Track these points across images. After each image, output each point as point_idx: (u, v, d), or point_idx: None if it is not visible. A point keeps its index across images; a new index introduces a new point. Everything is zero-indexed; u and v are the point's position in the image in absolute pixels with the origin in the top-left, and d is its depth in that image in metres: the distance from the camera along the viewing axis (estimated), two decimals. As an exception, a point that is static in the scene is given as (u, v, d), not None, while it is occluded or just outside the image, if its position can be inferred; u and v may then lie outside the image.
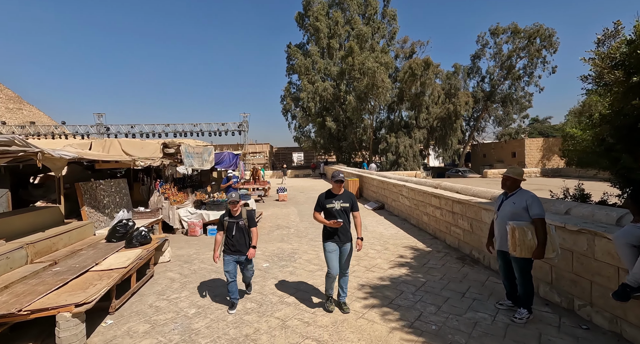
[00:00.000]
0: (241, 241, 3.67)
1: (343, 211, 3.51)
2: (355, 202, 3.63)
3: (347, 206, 3.52)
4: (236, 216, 3.74)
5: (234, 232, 3.64)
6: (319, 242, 6.50)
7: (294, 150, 43.06)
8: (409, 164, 25.21)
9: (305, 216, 9.82)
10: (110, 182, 5.94)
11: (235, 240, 3.65)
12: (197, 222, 7.29)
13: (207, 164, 9.70)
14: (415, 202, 7.70)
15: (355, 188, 13.93)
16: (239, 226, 3.67)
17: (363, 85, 25.38)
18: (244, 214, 3.77)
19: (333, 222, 3.45)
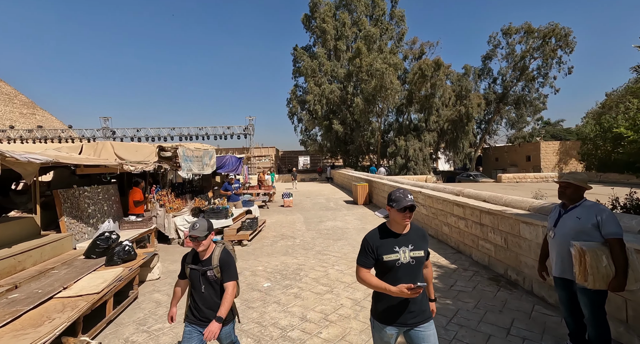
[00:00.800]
0: (211, 301, 2.22)
1: (416, 264, 1.86)
2: None
3: (422, 255, 1.88)
4: (204, 260, 2.26)
5: (201, 289, 2.22)
6: (327, 256, 5.83)
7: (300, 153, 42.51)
8: (419, 168, 24.39)
9: (311, 223, 9.14)
10: (97, 189, 5.38)
11: (201, 301, 2.23)
12: (194, 232, 6.67)
13: (208, 168, 9.13)
14: (434, 210, 6.97)
15: (365, 194, 13.22)
16: (208, 279, 2.22)
17: (371, 87, 24.75)
18: (215, 258, 2.27)
19: (406, 290, 1.70)
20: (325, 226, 8.75)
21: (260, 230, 7.99)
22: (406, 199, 1.83)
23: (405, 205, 1.80)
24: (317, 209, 12.05)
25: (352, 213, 10.92)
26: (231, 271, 2.28)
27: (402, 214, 1.84)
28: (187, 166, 7.65)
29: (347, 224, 8.91)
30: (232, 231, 6.69)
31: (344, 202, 14.11)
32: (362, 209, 11.98)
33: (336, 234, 7.74)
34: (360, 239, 7.48)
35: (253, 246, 6.76)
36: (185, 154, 7.58)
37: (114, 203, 5.87)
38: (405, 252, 1.85)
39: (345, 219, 9.85)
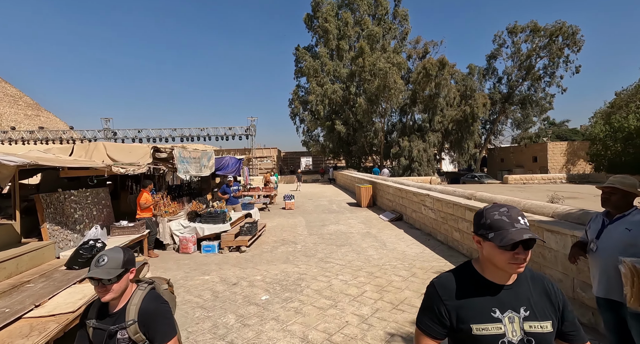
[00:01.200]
0: None
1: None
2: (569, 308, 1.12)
3: (547, 329, 1.04)
4: (113, 313, 1.45)
5: None
6: (330, 264, 5.45)
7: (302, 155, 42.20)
8: (423, 169, 23.96)
9: (313, 227, 8.77)
10: (86, 192, 5.04)
11: None
12: (190, 238, 6.32)
13: (207, 170, 8.79)
14: (443, 215, 6.57)
15: (369, 196, 12.83)
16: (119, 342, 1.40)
17: (374, 87, 24.41)
18: (132, 309, 1.43)
19: None
20: (328, 230, 8.37)
21: (260, 235, 7.63)
22: (516, 226, 1.02)
23: (519, 239, 0.98)
24: (320, 212, 11.67)
25: (356, 216, 10.54)
26: (164, 329, 1.42)
27: (511, 255, 1.01)
28: (184, 168, 7.31)
29: (350, 228, 8.53)
30: (229, 236, 6.33)
31: (347, 204, 13.72)
32: (366, 211, 11.59)
33: (340, 239, 7.36)
34: (365, 245, 7.27)
35: (252, 252, 6.40)
36: (181, 155, 7.24)
37: (105, 208, 5.53)
38: (513, 321, 1.04)
39: (348, 222, 9.47)
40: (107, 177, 7.09)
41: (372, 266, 5.29)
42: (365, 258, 5.75)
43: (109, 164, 4.45)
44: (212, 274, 5.11)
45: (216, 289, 4.44)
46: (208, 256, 6.13)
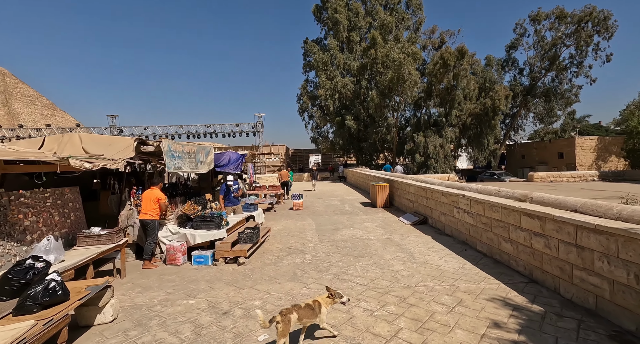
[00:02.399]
0: None
1: None
2: None
3: None
4: None
5: None
6: (348, 283, 4.32)
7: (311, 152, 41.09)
8: (440, 166, 22.54)
9: (325, 232, 7.65)
10: (44, 193, 4.04)
11: None
12: (178, 246, 5.28)
13: (204, 167, 7.76)
14: (486, 220, 5.35)
15: (385, 195, 11.64)
16: None
17: (387, 79, 23.06)
18: None
19: None
20: (342, 236, 7.24)
21: (263, 241, 6.56)
22: None
23: None
24: (331, 213, 10.55)
25: (372, 219, 9.37)
26: None
27: None
28: (175, 164, 6.28)
29: (368, 234, 7.38)
30: (225, 245, 5.26)
31: (361, 204, 12.55)
32: (382, 213, 10.41)
33: (356, 247, 6.22)
34: (389, 256, 5.91)
35: (252, 264, 5.32)
36: (171, 149, 6.20)
37: (73, 211, 4.53)
38: None
39: (365, 226, 8.32)
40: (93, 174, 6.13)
41: (402, 287, 4.14)
42: (392, 275, 4.60)
43: (63, 157, 3.43)
44: (200, 296, 4.04)
45: (200, 322, 3.37)
46: (199, 270, 5.08)
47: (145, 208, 5.24)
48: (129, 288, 4.35)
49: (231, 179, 7.11)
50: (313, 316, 2.85)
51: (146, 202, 5.31)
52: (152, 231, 5.28)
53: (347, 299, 3.03)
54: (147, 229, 5.23)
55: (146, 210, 5.23)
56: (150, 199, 5.31)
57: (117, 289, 4.31)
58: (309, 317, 2.82)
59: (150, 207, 5.27)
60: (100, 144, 5.56)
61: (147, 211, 5.23)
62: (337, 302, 3.01)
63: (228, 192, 7.16)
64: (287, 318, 2.62)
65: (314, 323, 2.90)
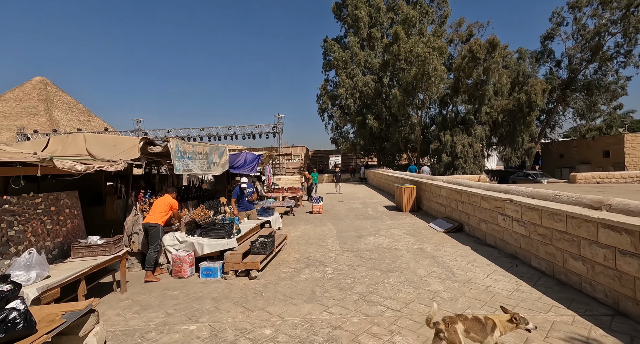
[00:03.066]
0: None
1: None
2: None
3: None
4: None
5: None
6: (378, 307, 3.58)
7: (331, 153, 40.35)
8: (469, 167, 21.12)
9: (347, 240, 6.93)
10: (35, 199, 3.62)
11: None
12: (185, 257, 4.76)
13: (217, 168, 7.28)
14: (543, 231, 4.43)
15: (412, 198, 10.73)
16: None
17: (410, 76, 21.95)
18: None
19: None
20: (367, 244, 6.49)
21: (279, 250, 5.94)
22: None
23: None
24: (353, 218, 9.80)
25: (399, 224, 8.53)
26: None
27: None
28: (184, 165, 5.80)
29: (396, 242, 6.58)
30: (236, 256, 4.68)
31: (385, 208, 11.70)
32: (410, 217, 9.53)
33: (384, 259, 5.46)
34: (423, 271, 4.81)
35: (266, 278, 4.70)
36: (180, 149, 5.73)
37: (70, 218, 4.11)
38: None
39: (391, 233, 7.51)
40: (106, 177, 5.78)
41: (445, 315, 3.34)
42: (430, 297, 3.81)
43: (44, 158, 2.97)
44: (203, 320, 3.46)
45: (198, 357, 2.77)
46: (206, 284, 4.52)
47: (152, 212, 4.79)
48: (127, 306, 3.85)
49: (245, 182, 6.56)
50: (482, 334, 2.31)
51: (155, 207, 4.88)
52: (154, 238, 4.81)
53: (533, 327, 2.45)
54: (150, 235, 4.76)
55: (152, 213, 4.79)
56: (162, 204, 4.87)
57: (113, 307, 3.83)
58: (477, 333, 2.31)
59: (158, 211, 4.82)
60: (105, 145, 5.18)
61: (153, 214, 4.78)
62: (522, 328, 2.45)
63: (242, 196, 6.62)
64: (452, 328, 2.24)
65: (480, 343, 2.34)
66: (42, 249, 3.61)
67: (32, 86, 40.69)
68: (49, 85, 39.45)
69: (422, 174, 13.02)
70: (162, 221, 4.90)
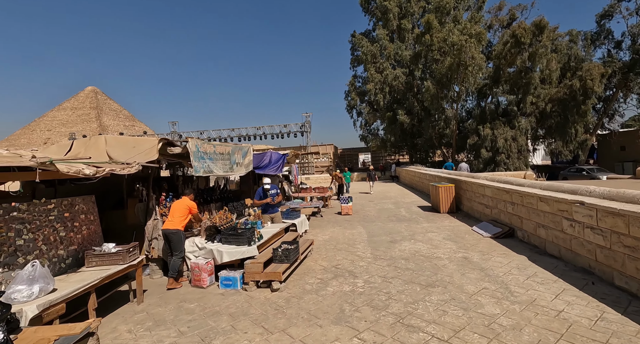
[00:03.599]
0: None
1: None
2: None
3: None
4: None
5: None
6: (419, 333, 2.94)
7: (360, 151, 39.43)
8: (512, 162, 19.31)
9: (380, 245, 6.29)
10: (47, 205, 3.45)
11: None
12: (204, 265, 4.44)
13: (241, 169, 6.99)
14: (631, 242, 3.52)
15: (450, 198, 9.79)
16: None
17: (445, 67, 20.53)
18: None
19: None
20: (402, 251, 5.82)
21: (305, 257, 5.47)
22: None
23: None
24: (385, 219, 9.10)
25: (437, 227, 7.71)
26: None
27: None
28: (204, 166, 5.53)
29: (435, 249, 5.84)
30: (256, 266, 4.27)
31: (420, 209, 10.84)
32: (448, 220, 8.65)
33: (422, 270, 4.78)
34: (472, 287, 3.87)
35: (289, 290, 4.24)
36: (200, 149, 5.46)
37: (85, 224, 3.93)
38: None
39: (429, 237, 6.76)
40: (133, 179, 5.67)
41: (508, 352, 2.65)
42: (485, 324, 3.11)
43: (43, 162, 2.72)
44: (216, 342, 3.06)
45: (205, 394, 2.35)
46: (225, 296, 4.15)
47: (171, 216, 4.54)
48: (140, 320, 3.58)
49: (268, 183, 6.17)
50: None
51: (174, 211, 4.64)
52: (177, 244, 4.55)
53: None
54: (172, 241, 4.50)
55: (171, 218, 4.53)
56: (180, 208, 4.60)
57: (127, 321, 3.57)
58: None
59: (177, 215, 4.56)
60: (125, 147, 5.02)
61: (172, 219, 4.52)
62: None
63: (265, 198, 6.23)
64: None
65: None
66: (55, 258, 3.42)
67: (84, 95, 44.31)
68: (99, 93, 42.55)
69: (461, 172, 11.94)
70: (182, 225, 4.64)
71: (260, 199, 6.26)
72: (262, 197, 6.24)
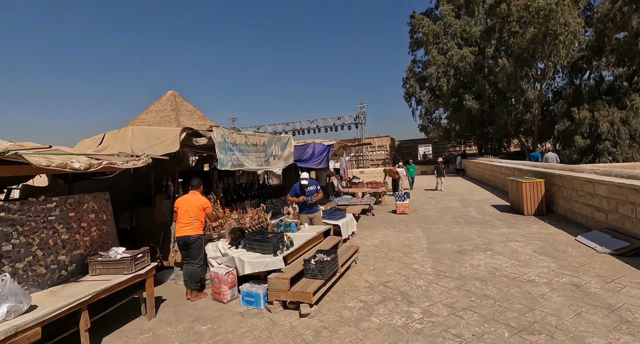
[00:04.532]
0: None
1: None
2: None
3: None
4: None
5: None
6: None
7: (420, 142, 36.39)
8: (621, 151, 15.37)
9: (444, 256, 4.95)
10: (46, 203, 3.06)
11: None
12: (223, 276, 3.74)
13: (279, 162, 6.25)
14: None
15: (538, 196, 7.77)
16: None
17: (526, 39, 17.20)
18: None
19: None
20: (474, 267, 4.44)
21: (348, 267, 4.48)
22: None
23: None
24: (450, 221, 7.57)
25: (522, 234, 5.99)
26: None
27: None
28: (233, 159, 4.87)
29: (524, 267, 4.31)
30: (281, 282, 3.41)
31: (494, 208, 8.93)
32: (537, 224, 6.76)
33: (509, 299, 3.39)
34: (600, 342, 2.67)
35: (322, 316, 3.30)
36: (227, 140, 4.80)
37: (95, 225, 3.52)
38: None
39: (511, 248, 5.17)
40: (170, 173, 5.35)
41: None
42: None
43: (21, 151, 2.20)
44: (212, 394, 2.27)
45: None
46: (244, 318, 3.39)
47: (185, 218, 3.91)
48: (144, 343, 3.00)
49: (306, 177, 5.27)
50: None
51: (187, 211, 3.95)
52: (198, 252, 3.94)
53: None
54: (192, 249, 3.89)
55: (188, 220, 3.91)
56: (195, 207, 3.97)
57: (128, 342, 3.02)
58: None
59: (194, 218, 3.92)
60: (149, 138, 4.60)
61: (189, 221, 3.91)
62: None
63: (301, 195, 5.37)
64: None
65: None
66: (54, 264, 3.02)
67: (166, 99, 49.87)
68: (177, 96, 47.26)
69: (552, 164, 9.53)
70: (202, 229, 4.01)
71: (296, 196, 5.41)
72: (299, 193, 5.39)
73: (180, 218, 3.89)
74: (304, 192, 5.38)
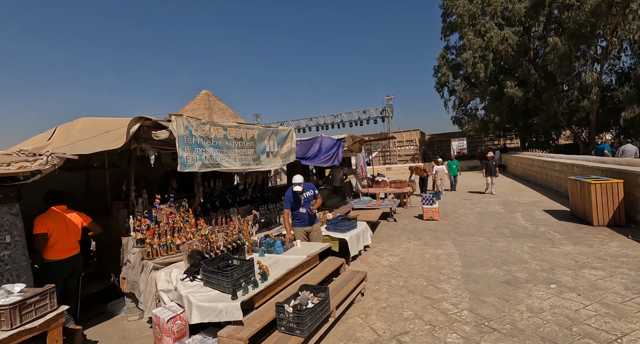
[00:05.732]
0: None
1: None
2: None
3: None
4: None
5: None
6: None
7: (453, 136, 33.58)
8: None
9: (486, 290, 3.53)
10: None
11: None
12: (165, 323, 2.66)
13: (275, 160, 5.11)
14: None
15: (615, 202, 5.95)
16: None
17: (585, 12, 14.53)
18: None
19: None
20: (533, 313, 3.00)
21: (351, 303, 3.23)
22: None
23: None
24: (491, 232, 6.00)
25: (598, 256, 4.35)
26: None
27: None
28: (204, 157, 3.79)
29: (619, 319, 2.80)
30: (237, 342, 2.24)
31: (549, 214, 7.16)
32: (616, 240, 5.03)
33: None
34: None
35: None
36: (194, 133, 3.71)
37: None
38: None
39: (587, 280, 3.63)
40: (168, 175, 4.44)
41: None
42: None
43: None
44: None
45: None
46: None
47: (68, 235, 3.01)
48: None
49: (299, 182, 4.04)
50: None
51: (69, 228, 3.05)
52: None
53: None
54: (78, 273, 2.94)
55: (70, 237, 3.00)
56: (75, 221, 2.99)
57: None
58: None
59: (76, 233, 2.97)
60: (96, 131, 3.67)
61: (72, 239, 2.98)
62: None
63: (297, 205, 4.17)
64: None
65: None
66: None
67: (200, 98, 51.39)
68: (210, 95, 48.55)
69: (630, 159, 7.46)
70: None
71: (292, 206, 4.20)
72: (294, 203, 4.18)
73: (59, 235, 2.94)
74: (298, 200, 4.17)
